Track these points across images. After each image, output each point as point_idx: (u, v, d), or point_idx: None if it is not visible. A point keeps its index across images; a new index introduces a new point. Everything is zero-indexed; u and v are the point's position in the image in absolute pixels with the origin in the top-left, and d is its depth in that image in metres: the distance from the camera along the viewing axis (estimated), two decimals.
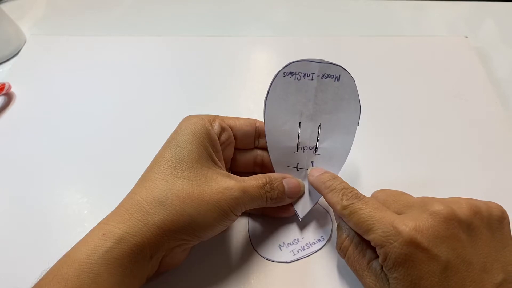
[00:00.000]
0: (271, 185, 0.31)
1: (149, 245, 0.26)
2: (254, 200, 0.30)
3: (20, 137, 0.43)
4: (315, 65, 0.31)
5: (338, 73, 0.31)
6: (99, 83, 0.48)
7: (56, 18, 0.60)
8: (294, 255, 0.33)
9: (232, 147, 0.33)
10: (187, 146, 0.29)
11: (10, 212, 0.37)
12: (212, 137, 0.30)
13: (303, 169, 0.34)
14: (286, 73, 0.31)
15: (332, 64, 0.31)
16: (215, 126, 0.31)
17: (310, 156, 0.33)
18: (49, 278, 0.24)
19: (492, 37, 0.55)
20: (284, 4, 0.61)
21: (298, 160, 0.33)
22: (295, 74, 0.31)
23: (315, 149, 0.33)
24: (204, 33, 0.56)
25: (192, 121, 0.30)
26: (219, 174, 0.29)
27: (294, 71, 0.31)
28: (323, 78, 0.31)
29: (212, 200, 0.27)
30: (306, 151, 0.33)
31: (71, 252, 0.25)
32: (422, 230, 0.24)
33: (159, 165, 0.29)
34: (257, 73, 0.50)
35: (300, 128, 0.33)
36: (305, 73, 0.31)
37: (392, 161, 0.40)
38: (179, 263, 0.31)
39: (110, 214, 0.27)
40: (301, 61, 0.31)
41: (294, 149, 0.33)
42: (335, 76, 0.31)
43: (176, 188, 0.27)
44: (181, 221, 0.26)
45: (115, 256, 0.24)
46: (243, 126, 0.33)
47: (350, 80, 0.31)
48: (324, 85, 0.32)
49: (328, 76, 0.31)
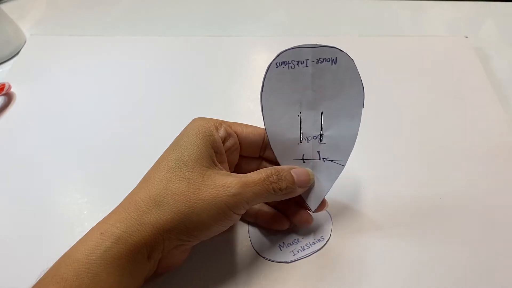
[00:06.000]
0: (278, 175, 0.29)
1: (146, 245, 0.26)
2: (259, 195, 0.29)
3: (20, 137, 0.43)
4: (308, 50, 0.29)
5: (334, 56, 0.29)
6: (99, 83, 0.48)
7: (56, 18, 0.60)
8: (294, 255, 0.33)
9: (237, 153, 0.33)
10: (188, 147, 0.29)
11: (10, 212, 0.37)
12: (215, 140, 0.30)
13: (310, 159, 0.32)
14: (279, 63, 0.30)
15: (326, 47, 0.29)
16: (221, 130, 0.30)
17: (315, 146, 0.32)
18: (48, 278, 0.24)
19: (492, 37, 0.55)
20: (284, 4, 0.61)
21: (303, 151, 0.32)
22: (288, 63, 0.30)
23: (320, 138, 0.32)
24: (204, 33, 0.56)
25: (198, 123, 0.30)
26: (218, 173, 0.29)
27: (287, 60, 0.30)
28: (319, 63, 0.30)
29: (207, 198, 0.27)
30: (310, 141, 0.32)
31: (70, 251, 0.25)
32: None
33: (160, 166, 0.29)
34: (257, 73, 0.49)
35: (301, 118, 0.32)
36: (298, 61, 0.30)
37: (391, 161, 0.40)
38: (179, 264, 0.30)
39: (109, 214, 0.27)
40: (292, 48, 0.30)
41: (298, 141, 0.32)
42: (331, 59, 0.30)
43: (172, 187, 0.27)
44: (175, 220, 0.26)
45: (113, 256, 0.24)
46: (250, 135, 0.32)
47: (348, 61, 0.30)
48: (321, 70, 0.30)
49: (323, 60, 0.30)
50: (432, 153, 0.40)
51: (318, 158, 0.32)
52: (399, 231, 0.34)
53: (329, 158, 0.32)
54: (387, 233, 0.34)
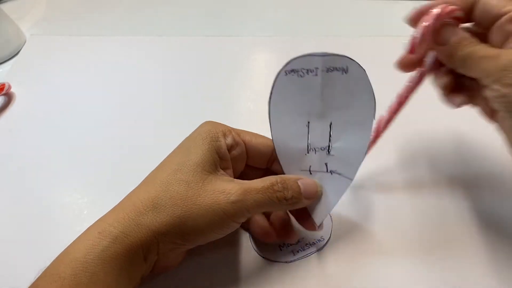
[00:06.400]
0: (284, 184, 0.28)
1: (142, 246, 0.25)
2: (261, 204, 0.27)
3: (20, 137, 0.43)
4: (318, 59, 0.29)
5: (345, 65, 0.29)
6: (99, 83, 0.48)
7: (56, 18, 0.60)
8: (294, 255, 0.33)
9: (243, 163, 0.32)
10: (193, 151, 0.28)
11: (9, 212, 0.37)
12: (221, 146, 0.29)
13: (317, 171, 0.31)
14: (288, 71, 0.29)
15: (337, 56, 0.28)
16: (229, 138, 0.30)
17: (323, 157, 0.31)
18: (47, 276, 0.24)
19: None
20: (284, 4, 0.61)
21: (310, 162, 0.31)
22: (298, 71, 0.29)
23: (328, 149, 0.31)
24: (204, 33, 0.56)
25: (206, 128, 0.30)
26: (220, 178, 0.28)
27: (296, 68, 0.29)
28: (329, 72, 0.29)
29: (204, 203, 0.26)
30: (318, 152, 0.31)
31: (68, 250, 0.25)
32: None
33: (163, 168, 0.28)
34: (257, 73, 0.50)
35: (310, 128, 0.31)
36: (308, 69, 0.29)
37: (391, 161, 0.40)
38: (175, 266, 0.30)
39: (108, 212, 0.27)
40: (302, 56, 0.29)
41: (305, 151, 0.31)
42: (342, 68, 0.29)
43: (171, 190, 0.26)
44: (170, 224, 0.26)
45: (110, 255, 0.24)
46: (259, 145, 0.31)
47: (360, 71, 0.29)
48: (331, 79, 0.29)
49: (334, 69, 0.29)
50: (433, 153, 0.40)
51: (326, 171, 0.31)
52: (399, 231, 0.34)
53: (337, 171, 0.31)
54: (387, 233, 0.34)
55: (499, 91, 0.25)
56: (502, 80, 0.25)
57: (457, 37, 0.28)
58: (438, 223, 0.34)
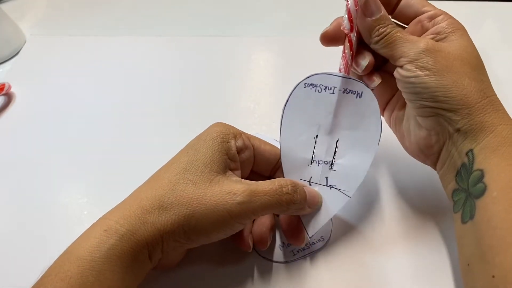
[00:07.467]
0: (294, 187, 0.29)
1: (147, 245, 0.26)
2: (268, 206, 0.27)
3: (20, 137, 0.43)
4: (337, 79, 0.31)
5: (360, 90, 0.31)
6: (99, 83, 0.48)
7: (56, 18, 0.60)
8: (294, 255, 0.33)
9: (249, 167, 0.32)
10: (202, 151, 0.28)
11: (10, 212, 0.37)
12: (231, 148, 0.29)
13: (316, 184, 0.32)
14: (307, 84, 0.31)
15: (354, 80, 0.31)
16: (239, 140, 0.30)
17: (325, 171, 0.32)
18: (52, 275, 0.24)
19: (492, 37, 0.55)
20: (284, 4, 0.61)
21: (312, 174, 0.32)
22: (316, 86, 0.31)
23: (331, 164, 0.32)
24: (204, 33, 0.56)
25: (217, 128, 0.30)
26: (227, 178, 0.28)
27: (315, 83, 0.31)
28: (345, 92, 0.31)
29: (209, 203, 0.26)
30: (321, 165, 0.32)
31: (72, 248, 0.25)
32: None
33: (171, 167, 0.28)
34: (257, 73, 0.50)
35: (317, 141, 0.32)
36: (326, 86, 0.31)
37: (392, 160, 0.40)
38: (175, 264, 0.30)
39: (112, 209, 0.27)
40: (322, 74, 0.31)
41: (308, 162, 0.32)
42: (357, 92, 0.31)
43: (178, 189, 0.27)
44: (175, 223, 0.26)
45: (116, 254, 0.24)
46: (266, 152, 0.32)
47: (372, 99, 0.31)
48: (345, 99, 0.31)
49: (350, 91, 0.31)
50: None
51: (325, 184, 0.32)
52: (399, 231, 0.34)
53: (336, 186, 0.32)
54: (388, 233, 0.34)
55: (413, 71, 0.28)
56: (417, 62, 0.28)
57: (384, 12, 0.29)
58: (438, 223, 0.35)
